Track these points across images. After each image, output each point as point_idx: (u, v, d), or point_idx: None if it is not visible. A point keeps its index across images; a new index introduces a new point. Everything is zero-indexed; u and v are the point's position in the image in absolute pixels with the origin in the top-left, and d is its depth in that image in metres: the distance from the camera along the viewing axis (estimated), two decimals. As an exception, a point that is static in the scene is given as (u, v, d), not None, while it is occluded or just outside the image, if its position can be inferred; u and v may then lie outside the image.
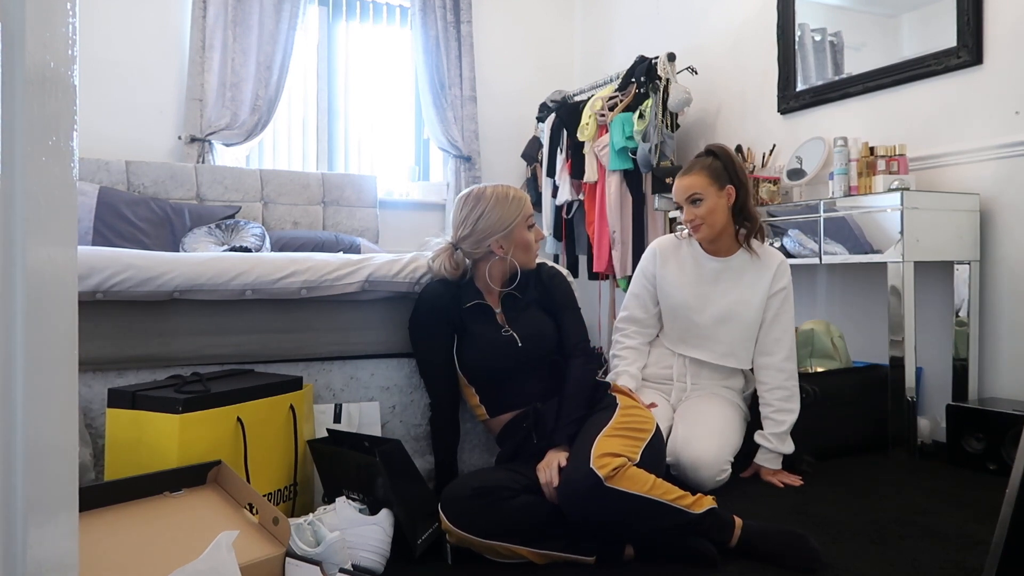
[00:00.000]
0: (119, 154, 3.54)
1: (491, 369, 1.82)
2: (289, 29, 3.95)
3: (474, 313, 1.84)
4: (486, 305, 1.85)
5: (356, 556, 1.40)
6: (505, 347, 1.80)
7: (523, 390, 1.80)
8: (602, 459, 1.50)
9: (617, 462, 1.50)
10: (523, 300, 1.88)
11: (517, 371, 1.81)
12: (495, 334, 1.82)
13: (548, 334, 1.86)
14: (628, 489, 1.47)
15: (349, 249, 3.40)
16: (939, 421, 2.52)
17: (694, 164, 2.15)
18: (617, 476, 1.48)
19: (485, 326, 1.83)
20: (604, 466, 1.48)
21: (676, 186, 2.15)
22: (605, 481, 1.46)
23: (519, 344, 1.80)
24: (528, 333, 1.83)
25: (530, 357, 1.81)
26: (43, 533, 0.55)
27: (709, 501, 1.55)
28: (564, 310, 1.91)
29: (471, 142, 4.41)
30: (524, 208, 1.87)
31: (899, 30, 2.90)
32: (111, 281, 1.63)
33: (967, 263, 2.47)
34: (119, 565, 1.17)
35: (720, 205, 2.10)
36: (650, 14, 4.18)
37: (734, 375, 2.24)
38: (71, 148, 0.57)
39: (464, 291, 1.87)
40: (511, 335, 1.82)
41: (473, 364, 1.83)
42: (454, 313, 1.83)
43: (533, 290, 1.91)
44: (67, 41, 0.56)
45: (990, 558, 1.04)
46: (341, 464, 1.62)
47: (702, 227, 2.11)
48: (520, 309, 1.87)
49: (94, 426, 1.64)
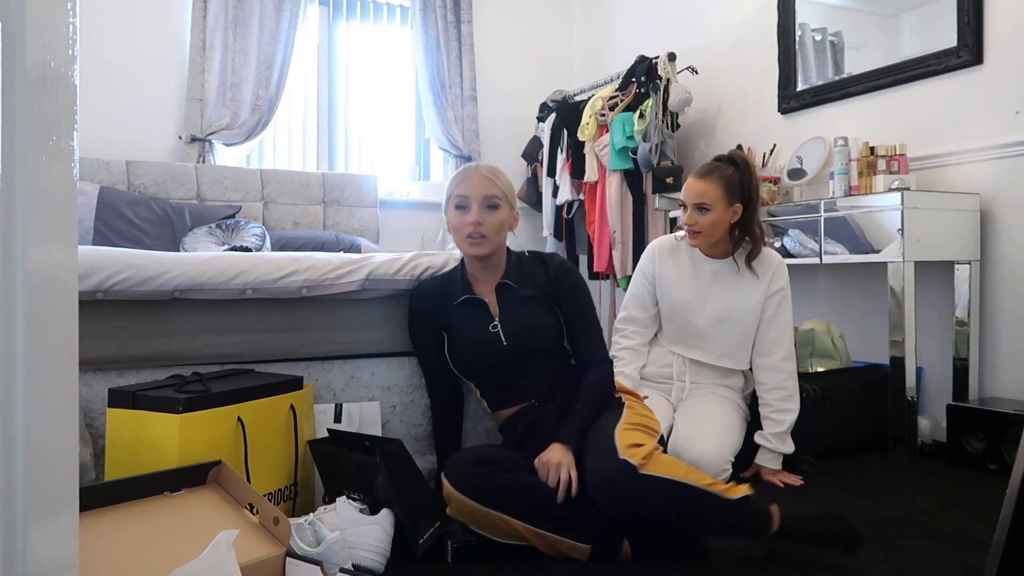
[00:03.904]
0: (119, 154, 3.54)
1: (479, 367, 1.78)
2: (289, 29, 3.95)
3: (463, 309, 1.77)
4: (476, 299, 1.77)
5: (356, 556, 1.40)
6: (490, 344, 1.73)
7: (519, 386, 1.74)
8: (630, 449, 1.46)
9: (646, 449, 1.46)
10: (520, 292, 1.76)
11: (507, 368, 1.74)
12: (481, 332, 1.74)
13: (540, 330, 1.74)
14: (664, 475, 1.44)
15: (349, 249, 3.39)
16: (939, 421, 2.52)
17: (713, 170, 2.10)
18: (650, 463, 1.44)
19: (472, 322, 1.75)
20: (635, 454, 1.44)
21: (688, 187, 2.11)
22: (640, 469, 1.42)
23: (503, 342, 1.72)
24: (515, 330, 1.73)
25: (519, 354, 1.73)
26: (43, 533, 0.55)
27: (744, 488, 1.51)
28: (573, 311, 1.78)
29: (471, 142, 4.41)
30: (455, 185, 1.74)
31: (899, 30, 2.89)
32: (111, 281, 1.63)
33: (967, 263, 2.47)
34: (119, 565, 1.17)
35: (723, 220, 2.09)
36: (650, 14, 4.18)
37: (733, 374, 2.24)
38: (71, 148, 0.57)
39: (455, 285, 1.80)
40: (496, 332, 1.73)
41: (461, 362, 1.79)
42: (440, 312, 1.79)
43: (535, 282, 1.78)
44: (67, 41, 0.56)
45: (990, 558, 1.04)
46: (342, 464, 1.62)
47: (699, 235, 2.11)
48: (516, 301, 1.76)
49: (94, 426, 1.64)
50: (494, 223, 1.71)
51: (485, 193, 1.71)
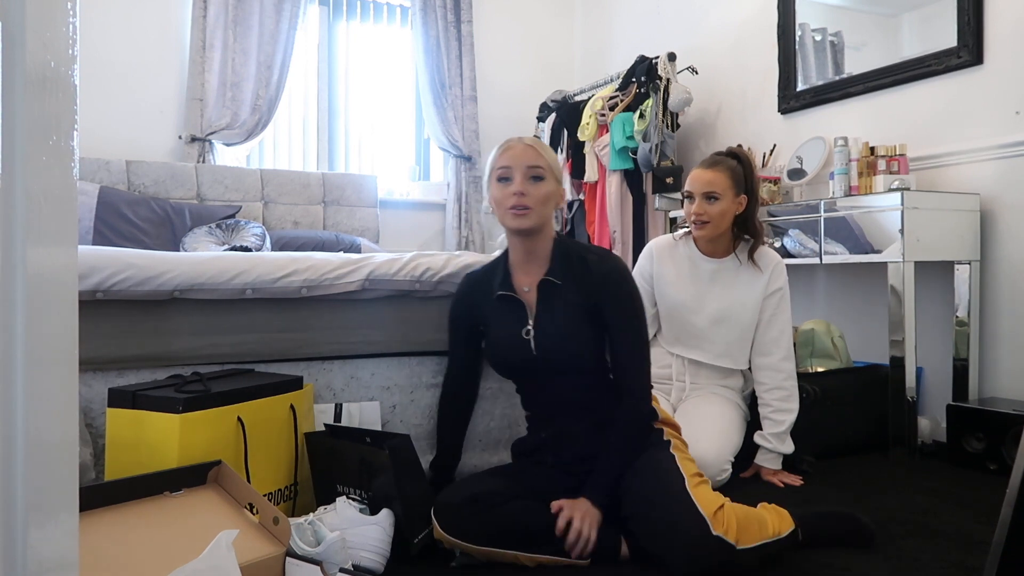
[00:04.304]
0: (119, 154, 3.54)
1: (509, 368, 1.73)
2: (289, 29, 3.95)
3: (500, 306, 1.67)
4: (512, 297, 1.66)
5: (356, 556, 1.40)
6: (520, 350, 1.64)
7: (548, 394, 1.68)
8: (716, 517, 1.38)
9: (728, 516, 1.40)
10: (563, 294, 1.61)
11: (537, 375, 1.67)
12: (512, 335, 1.64)
13: (575, 346, 1.61)
14: (758, 542, 1.41)
15: (349, 249, 3.40)
16: (939, 421, 2.52)
17: (719, 162, 2.13)
18: (741, 534, 1.39)
19: (506, 323, 1.66)
20: (728, 529, 1.37)
21: (696, 177, 2.12)
22: (737, 546, 1.37)
23: (533, 351, 1.62)
24: (548, 342, 1.61)
25: (549, 364, 1.62)
26: (43, 533, 0.55)
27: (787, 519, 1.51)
28: (616, 324, 1.61)
29: (471, 142, 4.41)
30: (497, 157, 1.63)
31: (899, 30, 2.89)
32: (111, 280, 1.63)
33: (967, 263, 2.47)
34: (119, 565, 1.17)
35: (731, 210, 2.11)
36: (650, 14, 4.18)
37: (733, 374, 2.24)
38: (71, 148, 0.57)
39: (496, 276, 1.70)
40: (527, 340, 1.63)
41: (493, 358, 1.76)
42: (478, 310, 1.74)
43: (578, 282, 1.62)
44: (68, 41, 0.56)
45: (990, 558, 1.04)
46: (341, 458, 1.62)
47: (708, 226, 2.11)
48: (556, 305, 1.62)
49: (94, 426, 1.64)
50: (539, 194, 1.59)
51: (529, 163, 1.59)
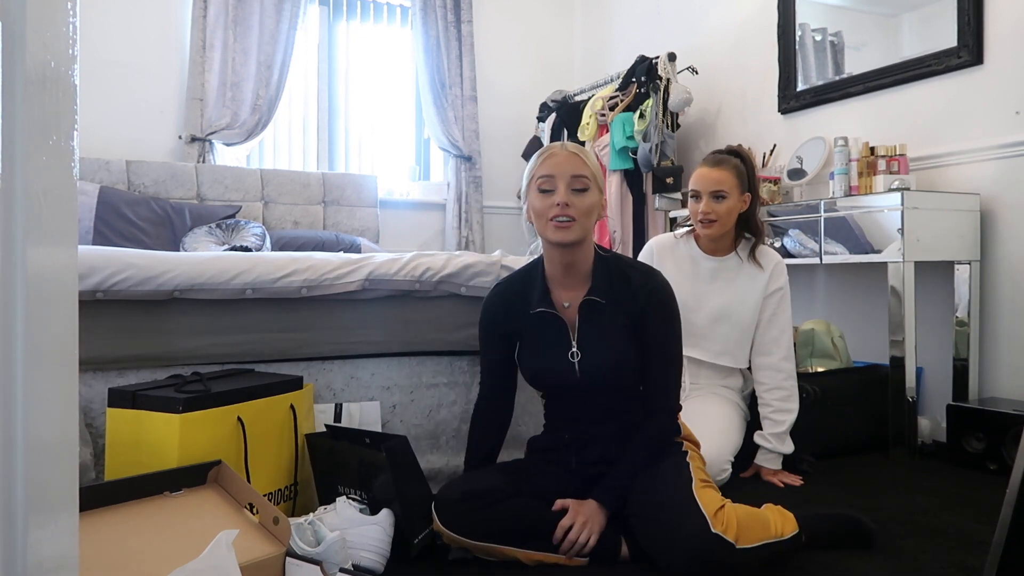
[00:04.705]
0: (119, 154, 3.54)
1: (547, 387, 1.67)
2: (290, 29, 3.95)
3: (538, 322, 1.59)
4: (552, 315, 1.58)
5: (356, 556, 1.40)
6: (563, 372, 1.58)
7: (582, 405, 1.62)
8: (716, 516, 1.38)
9: (728, 515, 1.40)
10: (608, 315, 1.55)
11: (576, 395, 1.62)
12: (555, 357, 1.58)
13: (622, 370, 1.56)
14: (758, 543, 1.40)
15: (350, 249, 3.40)
16: (939, 421, 2.52)
17: (724, 160, 2.13)
18: (741, 533, 1.38)
19: (547, 342, 1.59)
20: (727, 528, 1.37)
21: (703, 176, 2.12)
22: (736, 545, 1.36)
23: (578, 374, 1.57)
24: (595, 366, 1.55)
25: (592, 387, 1.58)
26: (43, 533, 0.55)
27: (791, 521, 1.49)
28: (655, 347, 1.56)
29: (471, 142, 4.41)
30: (537, 165, 1.54)
31: (899, 30, 2.89)
32: (111, 280, 1.63)
33: (967, 263, 2.47)
34: (119, 565, 1.17)
35: (736, 209, 2.12)
36: (650, 14, 4.18)
37: (732, 374, 2.24)
38: (71, 148, 0.57)
39: (533, 290, 1.60)
40: (573, 364, 1.56)
41: (528, 371, 1.65)
42: (512, 324, 1.63)
43: (621, 301, 1.56)
44: (68, 41, 0.56)
45: (990, 558, 1.04)
46: (341, 459, 1.62)
47: (715, 224, 2.11)
48: (601, 327, 1.55)
49: (94, 426, 1.64)
50: (583, 206, 1.50)
51: (573, 172, 1.50)
